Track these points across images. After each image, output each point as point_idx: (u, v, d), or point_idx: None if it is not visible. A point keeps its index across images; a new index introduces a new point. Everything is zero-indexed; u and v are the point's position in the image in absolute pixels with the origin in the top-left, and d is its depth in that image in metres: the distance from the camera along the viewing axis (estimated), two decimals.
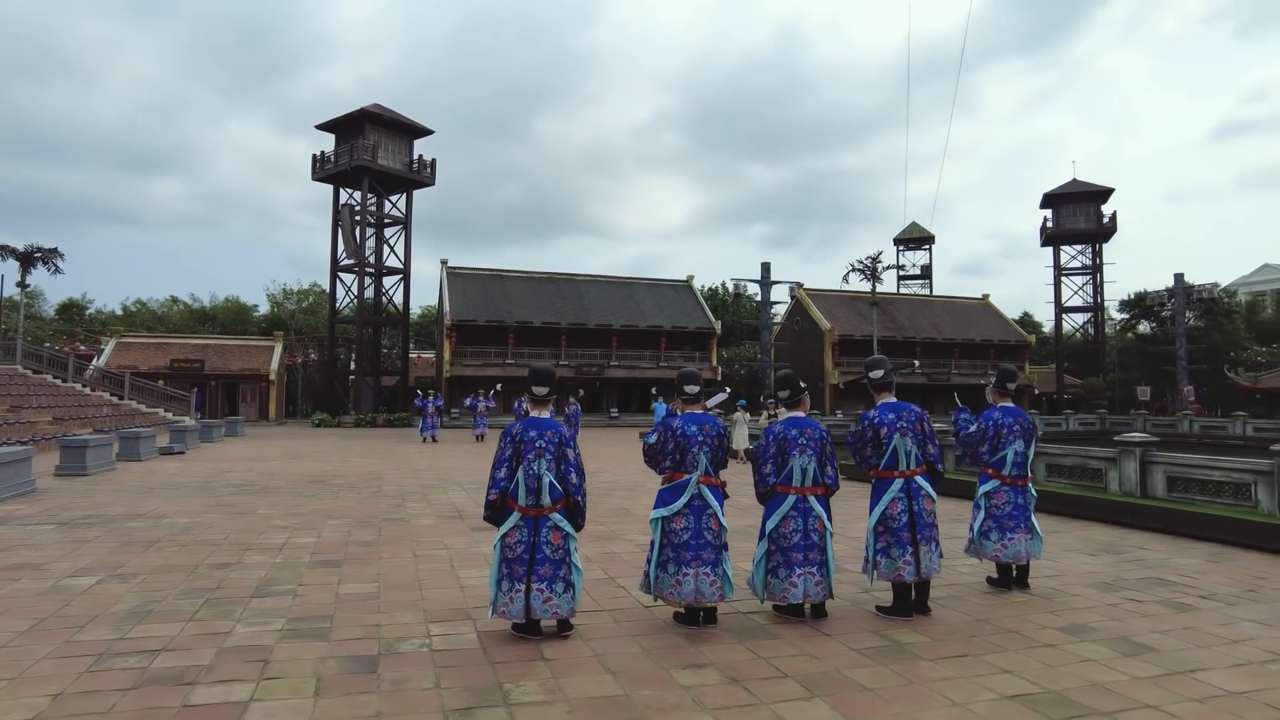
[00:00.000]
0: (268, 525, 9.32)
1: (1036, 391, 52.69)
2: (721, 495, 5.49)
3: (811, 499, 5.63)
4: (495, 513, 5.15)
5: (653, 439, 5.57)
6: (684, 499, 5.32)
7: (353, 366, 45.43)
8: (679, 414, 5.67)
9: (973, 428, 6.76)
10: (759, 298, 45.14)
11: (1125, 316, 55.68)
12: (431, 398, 27.96)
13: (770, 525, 5.57)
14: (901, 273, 65.97)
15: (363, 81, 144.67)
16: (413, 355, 46.78)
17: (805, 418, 5.82)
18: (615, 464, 18.54)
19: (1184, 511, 9.59)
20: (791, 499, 5.56)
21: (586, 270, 49.16)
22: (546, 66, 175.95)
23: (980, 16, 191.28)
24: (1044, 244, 55.75)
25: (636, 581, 6.13)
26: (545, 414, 5.31)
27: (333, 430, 35.55)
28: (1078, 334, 56.63)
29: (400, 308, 44.36)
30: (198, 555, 7.55)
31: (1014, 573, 6.64)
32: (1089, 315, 55.36)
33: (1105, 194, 52.71)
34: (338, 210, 41.98)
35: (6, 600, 5.87)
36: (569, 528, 5.11)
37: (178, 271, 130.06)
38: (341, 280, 43.37)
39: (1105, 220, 52.41)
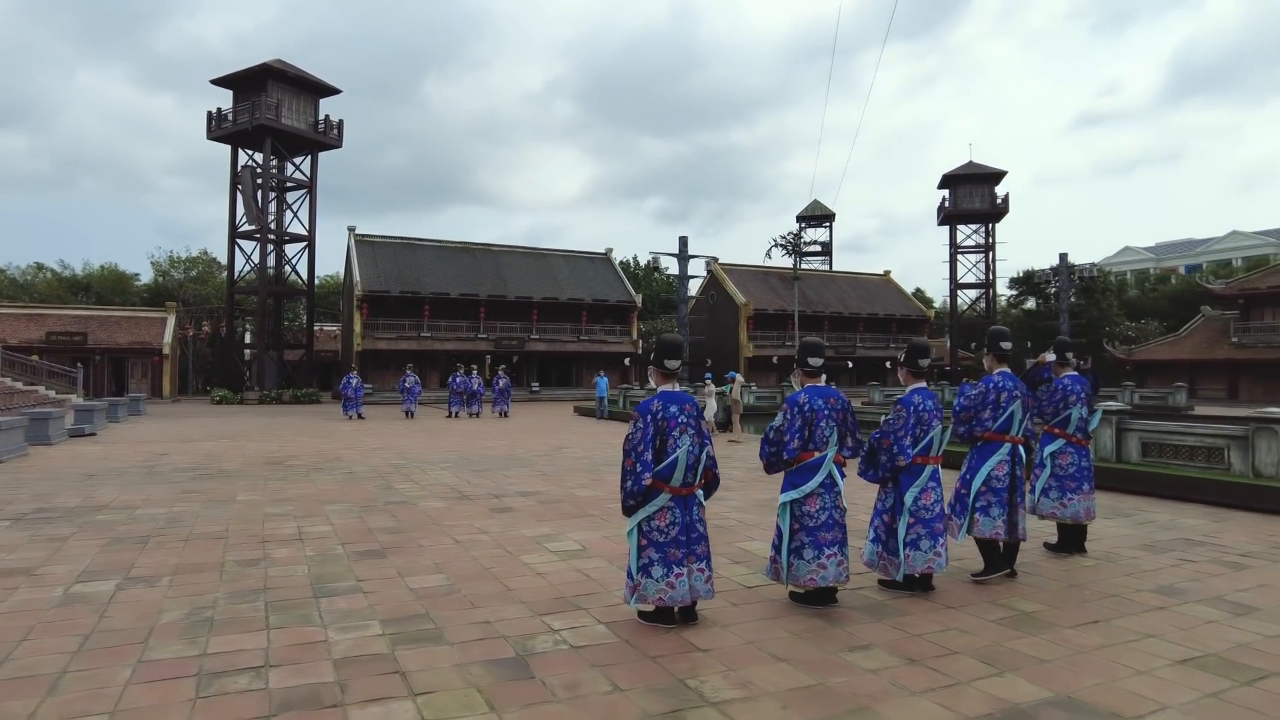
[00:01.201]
0: (262, 514, 8.49)
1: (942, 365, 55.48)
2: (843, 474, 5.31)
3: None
4: (643, 497, 4.70)
5: (779, 421, 5.29)
6: (818, 479, 5.10)
7: (249, 340, 42.64)
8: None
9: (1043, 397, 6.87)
10: (670, 271, 45.16)
11: (1014, 293, 59.22)
12: (354, 373, 26.65)
13: (909, 498, 5.41)
14: (805, 249, 68.04)
15: (235, 36, 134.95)
16: (315, 328, 44.24)
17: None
18: (574, 439, 18.15)
19: (1166, 475, 10.19)
20: (928, 467, 5.48)
21: (501, 240, 47.74)
22: (434, 27, 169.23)
23: (864, 2, 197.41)
24: (941, 223, 58.39)
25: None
26: (676, 387, 4.99)
27: (237, 408, 33.23)
28: (970, 309, 59.89)
29: (305, 277, 41.83)
30: (211, 551, 6.76)
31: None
32: (980, 291, 58.56)
33: (999, 176, 55.64)
34: (237, 172, 38.95)
35: (24, 614, 5.04)
36: (704, 502, 4.96)
37: (31, 236, 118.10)
38: (241, 248, 40.44)
39: (999, 201, 55.38)
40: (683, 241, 44.85)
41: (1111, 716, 3.58)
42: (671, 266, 46.91)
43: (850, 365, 49.27)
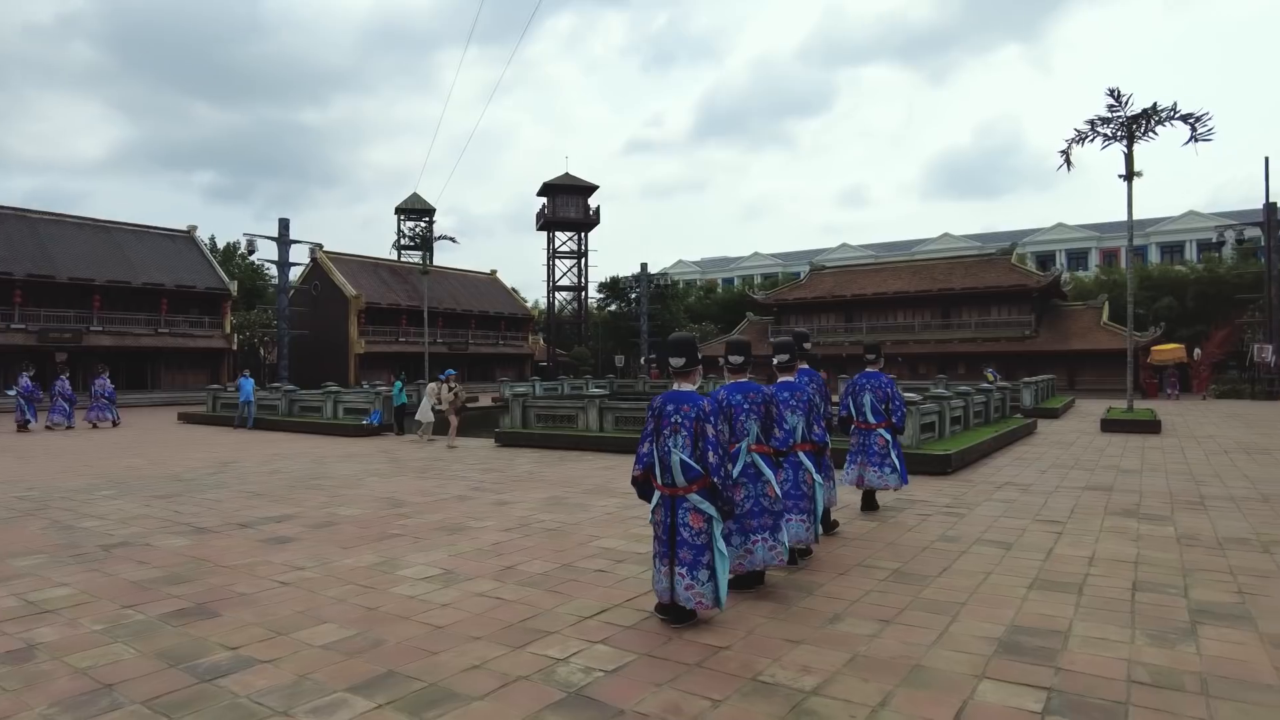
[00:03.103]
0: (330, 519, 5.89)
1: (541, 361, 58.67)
2: (773, 463, 5.76)
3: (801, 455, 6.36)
4: (641, 489, 5.00)
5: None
6: (736, 468, 5.39)
7: None
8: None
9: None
10: (261, 257, 40.29)
11: (602, 296, 65.50)
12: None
13: None
14: (404, 242, 66.57)
15: None
16: None
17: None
18: (229, 451, 15.45)
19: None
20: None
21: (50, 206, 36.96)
22: None
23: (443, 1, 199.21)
24: (540, 228, 62.17)
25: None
26: (689, 386, 4.99)
27: None
28: (567, 310, 64.75)
29: None
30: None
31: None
32: (574, 294, 63.66)
33: (591, 189, 61.03)
34: None
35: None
36: (711, 510, 4.80)
37: None
38: None
39: (591, 212, 60.78)
40: (283, 224, 40.70)
41: (1052, 632, 4.64)
42: (267, 251, 42.07)
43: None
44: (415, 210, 68.94)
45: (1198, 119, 19.47)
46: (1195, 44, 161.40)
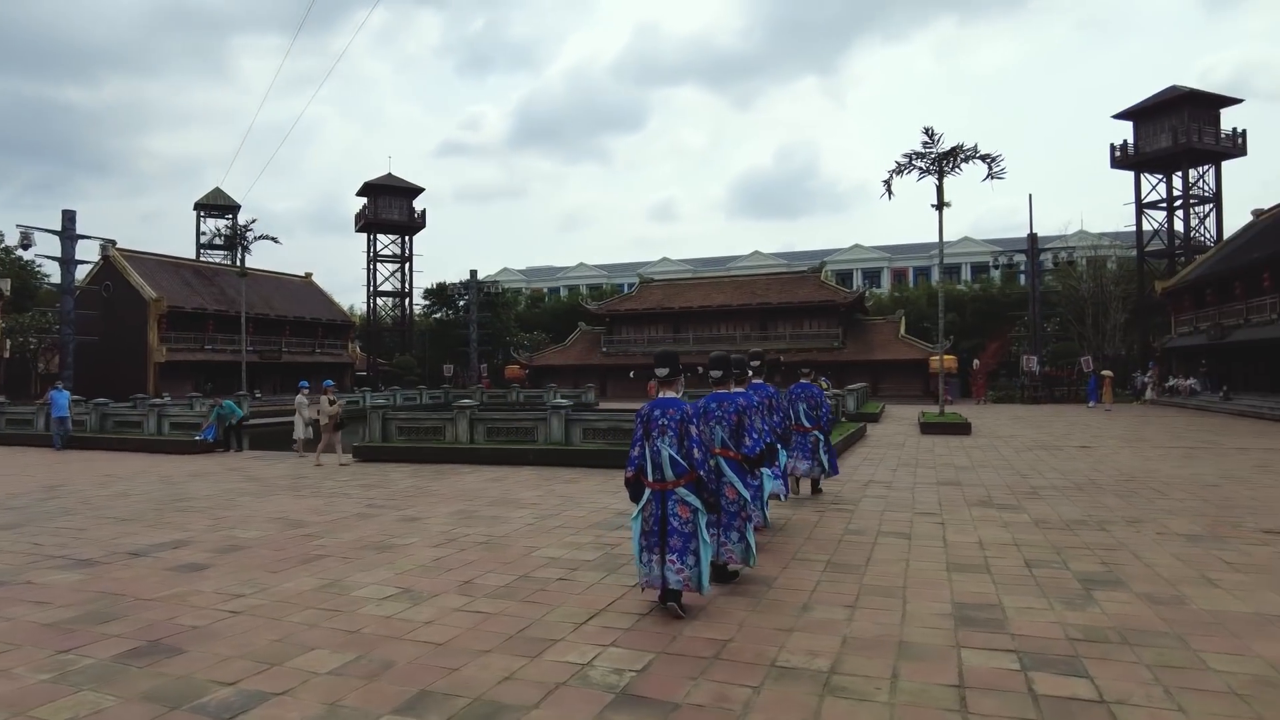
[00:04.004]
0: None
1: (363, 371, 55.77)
2: (739, 467, 6.19)
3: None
4: (633, 489, 5.44)
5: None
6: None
7: None
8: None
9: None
10: (33, 252, 35.41)
11: (428, 303, 63.36)
12: None
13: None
14: (203, 240, 61.09)
15: None
16: None
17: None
18: (46, 473, 13.57)
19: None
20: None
21: None
22: None
23: None
24: (359, 230, 59.47)
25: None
26: (672, 394, 5.43)
27: None
28: (388, 317, 62.15)
29: None
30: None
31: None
32: (398, 300, 61.27)
33: (416, 191, 59.13)
34: None
35: None
36: (696, 502, 5.27)
37: None
38: None
39: (416, 215, 58.87)
40: (68, 216, 36.31)
41: (989, 605, 5.41)
42: (45, 247, 37.00)
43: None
44: (218, 206, 63.47)
45: (994, 159, 22.50)
46: (958, 88, 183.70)
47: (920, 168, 22.98)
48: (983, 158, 22.59)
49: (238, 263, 59.58)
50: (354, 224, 60.58)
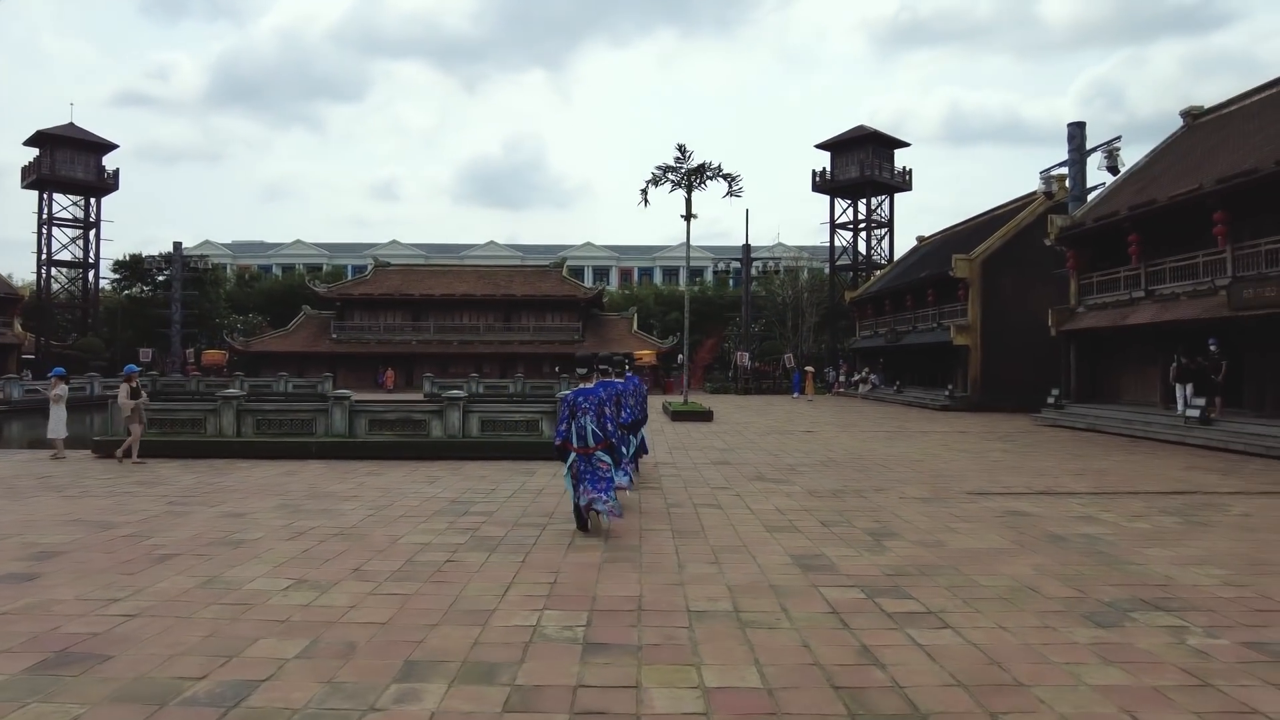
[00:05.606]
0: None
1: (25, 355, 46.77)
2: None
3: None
4: (561, 453, 7.67)
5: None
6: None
7: None
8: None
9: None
10: None
11: (119, 277, 54.76)
12: None
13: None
14: None
15: None
16: None
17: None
18: None
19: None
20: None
21: None
22: None
23: None
24: (28, 185, 50.11)
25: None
26: (589, 385, 7.46)
27: None
28: (64, 292, 52.98)
29: None
30: None
31: None
32: (79, 271, 52.50)
33: (108, 147, 50.94)
34: None
35: None
36: (610, 459, 7.41)
37: None
38: None
39: (107, 176, 50.81)
40: None
41: (817, 555, 6.87)
42: None
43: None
44: None
45: (734, 178, 25.49)
46: (679, 99, 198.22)
47: (673, 180, 25.33)
48: (725, 176, 25.49)
49: None
50: (20, 178, 50.64)
